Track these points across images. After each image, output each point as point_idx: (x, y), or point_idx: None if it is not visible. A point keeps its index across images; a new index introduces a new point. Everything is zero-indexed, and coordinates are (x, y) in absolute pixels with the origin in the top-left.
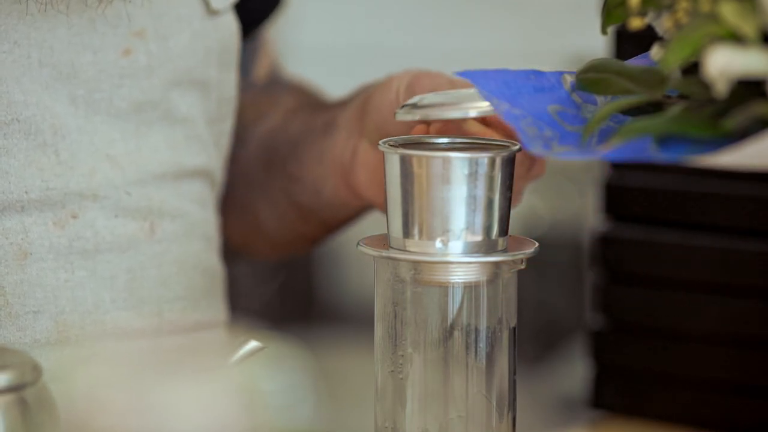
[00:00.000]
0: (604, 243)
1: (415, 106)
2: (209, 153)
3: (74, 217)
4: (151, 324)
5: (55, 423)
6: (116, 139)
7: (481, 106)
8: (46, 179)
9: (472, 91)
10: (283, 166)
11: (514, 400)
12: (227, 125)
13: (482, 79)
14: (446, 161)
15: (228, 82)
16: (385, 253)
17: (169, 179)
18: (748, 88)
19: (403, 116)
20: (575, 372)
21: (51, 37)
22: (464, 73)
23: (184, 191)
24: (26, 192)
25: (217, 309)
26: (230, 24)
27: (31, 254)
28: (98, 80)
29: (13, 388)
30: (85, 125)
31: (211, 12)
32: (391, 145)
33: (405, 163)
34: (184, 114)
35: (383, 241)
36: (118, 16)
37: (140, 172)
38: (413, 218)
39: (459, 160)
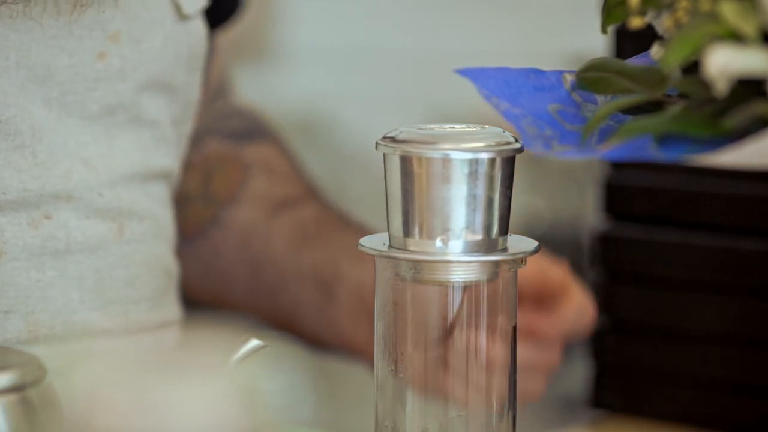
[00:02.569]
0: (604, 242)
1: (393, 139)
2: (173, 154)
3: (48, 217)
4: (118, 324)
5: (60, 423)
6: (88, 141)
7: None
8: (24, 180)
9: (448, 129)
10: (273, 295)
11: (515, 399)
12: (188, 127)
13: (482, 78)
14: (446, 161)
15: (194, 86)
16: (385, 253)
17: (138, 181)
18: (748, 88)
19: (384, 149)
20: (575, 372)
21: (28, 40)
22: (464, 72)
23: (151, 192)
24: (3, 193)
25: (176, 307)
26: (199, 29)
27: (5, 254)
28: (73, 83)
29: (16, 388)
30: (58, 127)
31: (182, 17)
32: (391, 145)
33: (405, 163)
34: (153, 117)
35: (383, 240)
36: (95, 20)
37: (112, 173)
38: (413, 217)
39: (459, 159)
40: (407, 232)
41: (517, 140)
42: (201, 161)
